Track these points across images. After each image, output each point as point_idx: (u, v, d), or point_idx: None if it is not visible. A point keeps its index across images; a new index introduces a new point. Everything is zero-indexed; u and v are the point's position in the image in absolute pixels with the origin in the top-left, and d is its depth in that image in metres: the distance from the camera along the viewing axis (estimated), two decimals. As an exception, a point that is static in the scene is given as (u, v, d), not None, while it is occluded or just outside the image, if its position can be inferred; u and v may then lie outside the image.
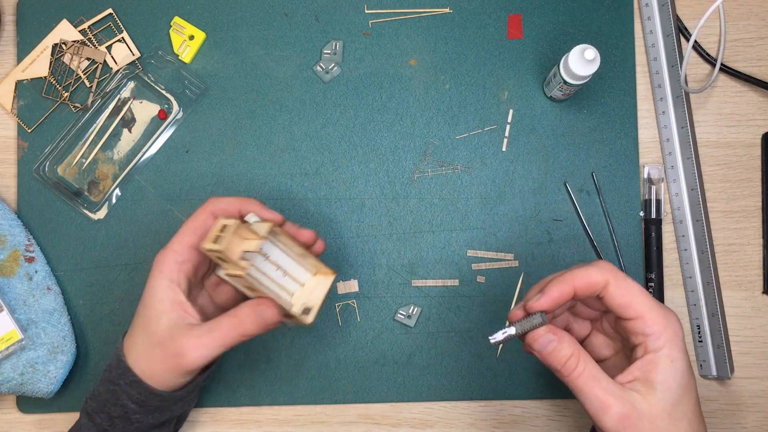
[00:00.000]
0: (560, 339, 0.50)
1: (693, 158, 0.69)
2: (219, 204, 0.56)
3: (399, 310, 0.69)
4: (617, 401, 0.48)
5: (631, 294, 0.49)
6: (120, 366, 0.55)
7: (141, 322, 0.55)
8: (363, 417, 0.69)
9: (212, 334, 0.53)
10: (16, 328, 0.64)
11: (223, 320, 0.54)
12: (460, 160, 0.70)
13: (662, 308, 0.50)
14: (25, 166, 0.70)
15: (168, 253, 0.55)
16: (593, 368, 0.49)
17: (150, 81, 0.70)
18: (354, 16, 0.71)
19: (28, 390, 0.65)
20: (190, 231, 0.55)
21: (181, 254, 0.55)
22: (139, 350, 0.55)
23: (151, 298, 0.54)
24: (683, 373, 0.49)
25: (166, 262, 0.55)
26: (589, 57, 0.62)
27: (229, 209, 0.56)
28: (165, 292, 0.54)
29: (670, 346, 0.49)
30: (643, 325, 0.49)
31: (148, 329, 0.54)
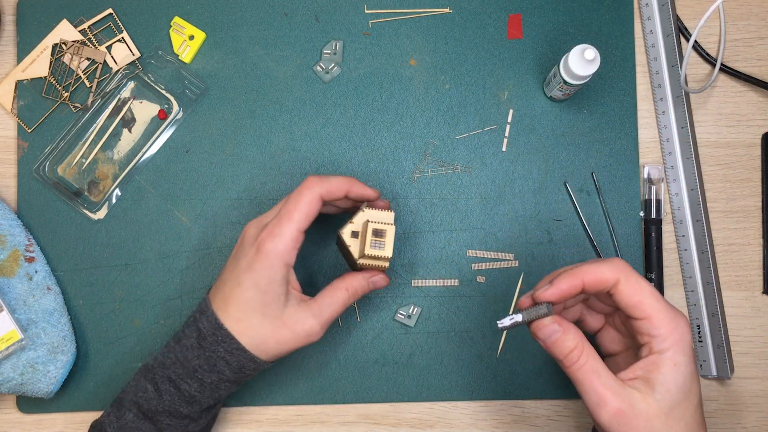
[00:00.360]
0: (565, 330, 0.50)
1: (693, 158, 0.69)
2: (326, 186, 0.56)
3: (399, 310, 0.69)
4: (615, 397, 0.49)
5: (640, 294, 0.49)
6: (220, 335, 0.56)
7: (257, 307, 0.56)
8: (363, 417, 0.69)
9: (331, 309, 0.58)
10: (16, 328, 0.64)
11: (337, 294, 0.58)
12: (460, 160, 0.70)
13: (672, 311, 0.50)
14: (25, 166, 0.70)
15: (285, 241, 0.55)
16: (595, 362, 0.50)
17: (150, 81, 0.70)
18: (354, 16, 0.71)
19: (28, 390, 0.65)
20: (304, 216, 0.55)
21: (297, 241, 0.56)
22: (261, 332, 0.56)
23: (271, 284, 0.55)
24: (685, 378, 0.49)
25: (284, 250, 0.55)
26: (589, 57, 0.62)
27: (337, 192, 0.57)
28: (284, 279, 0.56)
29: (675, 350, 0.49)
30: (650, 326, 0.49)
31: (268, 312, 0.56)
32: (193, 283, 0.69)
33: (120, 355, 0.69)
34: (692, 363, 0.50)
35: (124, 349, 0.69)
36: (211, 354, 0.57)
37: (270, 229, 0.55)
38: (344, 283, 0.59)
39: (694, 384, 0.50)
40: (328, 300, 0.58)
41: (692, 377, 0.50)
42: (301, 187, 0.57)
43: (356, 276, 0.59)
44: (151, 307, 0.69)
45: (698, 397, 0.50)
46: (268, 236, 0.55)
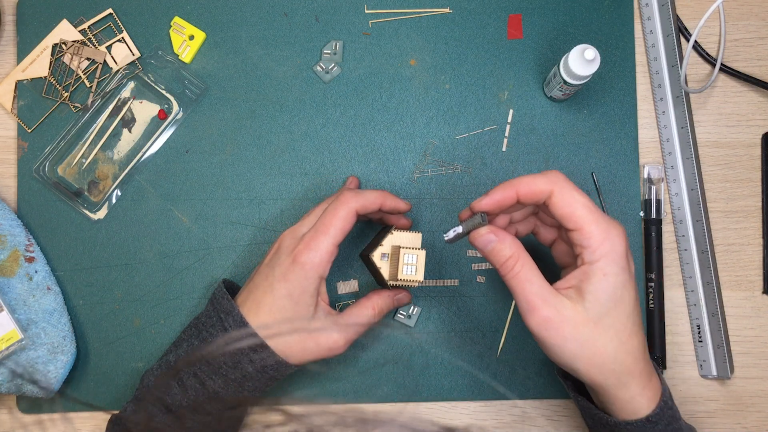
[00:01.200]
0: (501, 240, 0.53)
1: (693, 158, 0.69)
2: (361, 201, 0.58)
3: (399, 310, 0.69)
4: (544, 304, 0.51)
5: (572, 206, 0.51)
6: (250, 338, 0.57)
7: (287, 314, 0.57)
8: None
9: (357, 327, 0.59)
10: (16, 328, 0.64)
11: (364, 312, 0.60)
12: (460, 160, 0.70)
13: (604, 222, 0.51)
14: (25, 166, 0.70)
15: (321, 254, 0.56)
16: (529, 271, 0.52)
17: (150, 81, 0.70)
18: (354, 16, 0.71)
19: (28, 390, 0.65)
20: (340, 231, 0.57)
21: (332, 255, 0.57)
22: (287, 339, 0.58)
23: (303, 294, 0.57)
24: (615, 287, 0.50)
25: (320, 263, 0.56)
26: (589, 57, 0.62)
27: (371, 206, 0.58)
28: (316, 290, 0.57)
29: (605, 260, 0.50)
30: (582, 237, 0.51)
31: (297, 323, 0.58)
32: (193, 283, 0.69)
33: (120, 355, 0.69)
34: (624, 272, 0.51)
35: (124, 349, 0.69)
36: (237, 354, 0.57)
37: (307, 241, 0.57)
38: (371, 302, 0.61)
39: (626, 293, 0.51)
40: (354, 318, 0.59)
41: (624, 286, 0.51)
42: (337, 202, 0.58)
43: (382, 295, 0.61)
44: (151, 307, 0.69)
45: (631, 306, 0.51)
46: (305, 248, 0.56)
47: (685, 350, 0.70)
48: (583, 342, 0.51)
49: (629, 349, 0.52)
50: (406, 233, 0.60)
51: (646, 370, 0.53)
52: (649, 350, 0.69)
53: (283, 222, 0.70)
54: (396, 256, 0.59)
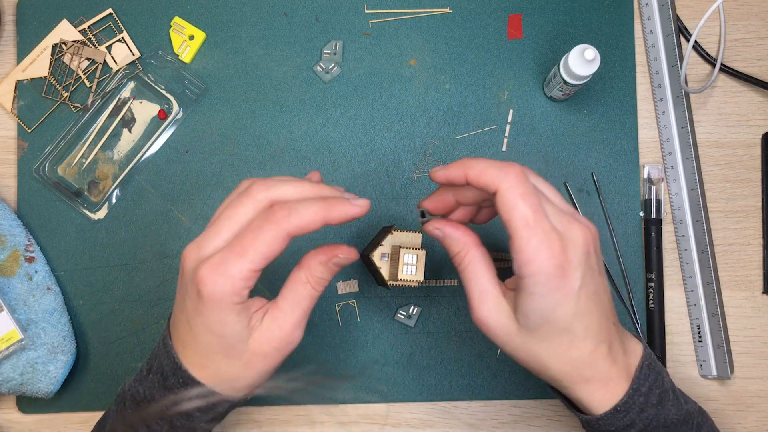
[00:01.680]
0: (447, 235, 0.51)
1: (693, 158, 0.69)
2: (296, 222, 0.45)
3: (399, 310, 0.69)
4: (481, 306, 0.49)
5: (510, 213, 0.45)
6: (181, 375, 0.49)
7: (218, 350, 0.48)
8: (363, 417, 0.69)
9: (298, 310, 0.49)
10: (16, 328, 0.64)
11: (299, 291, 0.49)
12: (460, 160, 0.70)
13: (539, 240, 0.45)
14: (25, 166, 0.70)
15: (232, 282, 0.45)
16: (475, 268, 0.50)
17: (150, 81, 0.70)
18: (354, 16, 0.71)
19: (28, 390, 0.65)
20: (261, 257, 0.45)
21: (248, 281, 0.45)
22: (232, 372, 0.49)
23: (225, 326, 0.46)
24: (542, 308, 0.46)
25: (232, 292, 0.45)
26: (589, 57, 0.62)
27: (311, 226, 0.45)
28: (239, 316, 0.47)
29: (531, 281, 0.46)
30: (512, 247, 0.46)
31: (234, 353, 0.48)
32: (193, 283, 0.69)
33: (120, 355, 0.69)
34: (555, 292, 0.46)
35: (124, 349, 0.69)
36: (176, 397, 0.49)
37: (214, 265, 0.45)
38: (303, 273, 0.49)
39: (559, 312, 0.46)
40: (290, 301, 0.49)
41: (556, 307, 0.46)
42: (265, 220, 0.45)
43: (312, 262, 0.49)
44: (151, 307, 0.69)
45: (565, 322, 0.47)
46: (210, 275, 0.44)
47: (685, 350, 0.70)
48: (516, 348, 0.49)
49: (567, 360, 0.49)
50: (406, 233, 0.60)
51: (599, 376, 0.49)
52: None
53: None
54: (396, 256, 0.59)
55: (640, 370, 0.51)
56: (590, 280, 0.47)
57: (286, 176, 0.51)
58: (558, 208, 0.48)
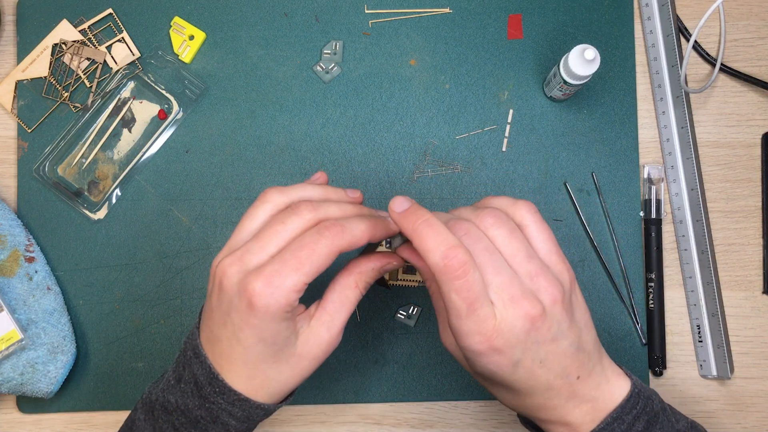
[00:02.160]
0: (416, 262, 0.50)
1: (693, 158, 0.69)
2: (348, 239, 0.46)
3: (399, 310, 0.69)
4: (445, 333, 0.50)
5: (444, 298, 0.45)
6: (229, 396, 0.49)
7: (269, 357, 0.48)
8: (363, 417, 0.69)
9: (342, 313, 0.49)
10: (16, 328, 0.64)
11: (346, 295, 0.50)
12: (460, 160, 0.70)
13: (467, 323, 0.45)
14: (25, 166, 0.70)
15: (287, 294, 0.45)
16: (437, 301, 0.50)
17: (150, 81, 0.70)
18: (354, 16, 0.71)
19: (28, 390, 0.65)
20: (315, 270, 0.46)
21: (301, 293, 0.46)
22: (279, 378, 0.49)
23: (278, 334, 0.47)
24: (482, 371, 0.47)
25: (287, 305, 0.46)
26: (589, 57, 0.62)
27: (359, 244, 0.47)
28: (290, 322, 0.47)
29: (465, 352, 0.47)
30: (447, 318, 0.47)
31: (282, 356, 0.48)
32: (193, 283, 0.69)
33: (120, 355, 0.69)
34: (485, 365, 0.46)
35: (124, 349, 0.69)
36: (211, 406, 0.49)
37: (267, 277, 0.45)
38: (353, 278, 0.50)
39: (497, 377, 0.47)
40: (337, 303, 0.49)
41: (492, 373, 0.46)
42: (317, 234, 0.46)
43: (363, 267, 0.50)
44: (151, 307, 0.69)
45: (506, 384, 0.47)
46: (266, 287, 0.45)
47: (685, 350, 0.70)
48: (479, 380, 0.50)
49: (520, 405, 0.49)
50: None
51: (560, 419, 0.49)
52: (649, 350, 0.69)
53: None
54: None
55: (626, 402, 0.49)
56: (533, 354, 0.46)
57: (309, 184, 0.51)
58: (496, 279, 0.45)
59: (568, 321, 0.47)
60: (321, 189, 0.51)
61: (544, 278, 0.46)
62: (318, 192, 0.50)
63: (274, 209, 0.49)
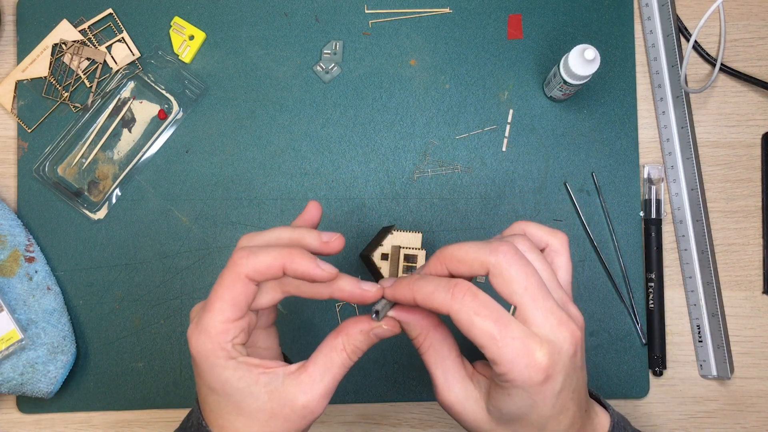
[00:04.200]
0: (403, 322, 0.47)
1: (693, 158, 0.69)
2: (255, 265, 0.44)
3: (399, 310, 0.69)
4: (447, 390, 0.47)
5: (470, 333, 0.43)
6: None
7: (230, 409, 0.46)
8: (363, 417, 0.69)
9: (327, 378, 0.47)
10: (16, 328, 0.64)
11: (332, 358, 0.47)
12: (460, 160, 0.70)
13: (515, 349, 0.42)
14: (25, 166, 0.70)
15: (210, 337, 0.44)
16: (435, 353, 0.48)
17: (150, 81, 0.70)
18: (354, 16, 0.71)
19: (28, 390, 0.65)
20: (229, 305, 0.44)
21: (226, 334, 0.45)
22: (242, 427, 0.47)
23: (225, 385, 0.45)
24: (519, 407, 0.44)
25: (214, 348, 0.45)
26: (589, 57, 0.62)
27: (271, 271, 0.44)
28: (237, 372, 0.45)
29: (510, 385, 0.43)
30: (486, 356, 0.44)
31: (246, 410, 0.46)
32: (193, 283, 0.69)
33: (120, 355, 0.69)
34: (535, 396, 0.43)
35: (124, 349, 0.69)
36: None
37: (193, 326, 0.45)
38: (340, 340, 0.47)
39: (535, 412, 0.44)
40: (321, 367, 0.47)
41: (532, 408, 0.44)
42: (226, 267, 0.45)
43: (352, 330, 0.47)
44: (151, 307, 0.69)
45: (541, 423, 0.45)
46: (192, 335, 0.45)
47: (685, 350, 0.70)
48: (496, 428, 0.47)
49: None
50: (406, 233, 0.60)
51: None
52: (649, 350, 0.69)
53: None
54: (396, 256, 0.59)
55: None
56: (571, 381, 0.45)
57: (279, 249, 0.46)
58: (544, 303, 0.43)
59: (577, 370, 0.46)
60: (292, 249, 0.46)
61: (572, 305, 0.46)
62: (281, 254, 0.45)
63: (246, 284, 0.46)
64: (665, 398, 0.70)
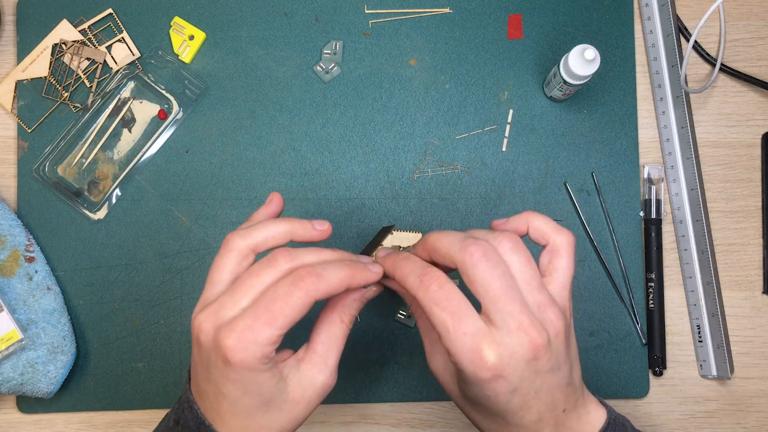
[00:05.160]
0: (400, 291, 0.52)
1: (693, 158, 0.69)
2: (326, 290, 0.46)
3: (399, 310, 0.69)
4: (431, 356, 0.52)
5: (430, 317, 0.45)
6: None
7: (258, 407, 0.47)
8: (363, 417, 0.69)
9: (334, 351, 0.49)
10: (16, 328, 0.64)
11: (333, 331, 0.50)
12: (460, 160, 0.70)
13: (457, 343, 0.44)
14: (25, 166, 0.70)
15: (261, 349, 0.44)
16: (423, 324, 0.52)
17: (150, 81, 0.70)
18: (354, 16, 0.71)
19: (28, 390, 0.65)
20: (290, 322, 0.45)
21: (276, 345, 0.45)
22: (273, 426, 0.48)
23: (261, 387, 0.46)
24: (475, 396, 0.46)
25: (262, 357, 0.45)
26: (589, 57, 0.62)
27: (336, 291, 0.46)
28: (270, 375, 0.46)
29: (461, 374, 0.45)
30: None
31: (273, 406, 0.47)
32: (193, 283, 0.69)
33: (120, 355, 0.69)
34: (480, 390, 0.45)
35: (124, 349, 0.69)
36: None
37: (241, 333, 0.44)
38: (336, 314, 0.50)
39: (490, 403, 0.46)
40: (326, 343, 0.49)
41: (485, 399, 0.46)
42: (290, 285, 0.44)
43: (345, 300, 0.50)
44: (151, 307, 0.69)
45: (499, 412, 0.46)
46: (239, 343, 0.44)
47: (685, 350, 0.70)
48: (462, 409, 0.50)
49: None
50: (406, 233, 0.60)
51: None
52: (649, 350, 0.69)
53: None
54: None
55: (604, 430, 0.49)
56: (531, 384, 0.45)
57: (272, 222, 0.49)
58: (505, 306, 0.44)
59: (565, 354, 0.46)
60: (286, 224, 0.48)
61: (552, 310, 0.45)
62: (282, 228, 0.48)
63: (240, 256, 0.47)
64: (665, 398, 0.70)
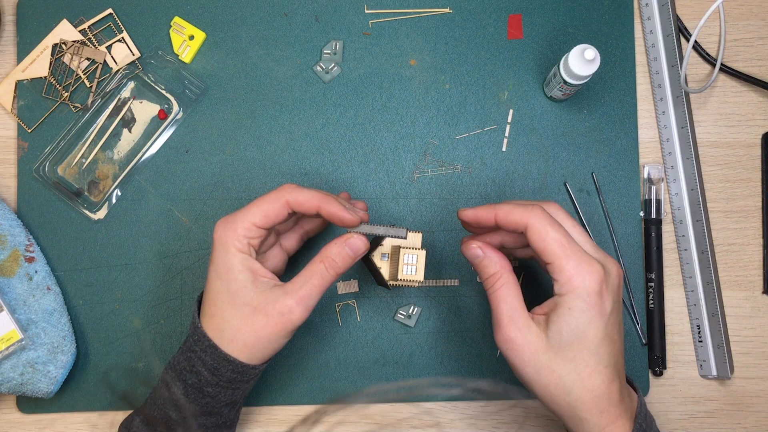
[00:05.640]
0: (487, 256, 0.55)
1: (693, 158, 0.69)
2: (297, 196, 0.55)
3: (399, 310, 0.69)
4: (510, 325, 0.53)
5: (545, 241, 0.52)
6: (197, 334, 0.57)
7: (225, 297, 0.55)
8: (363, 417, 0.69)
9: (310, 282, 0.55)
10: (16, 328, 0.64)
11: (311, 269, 0.56)
12: (460, 160, 0.70)
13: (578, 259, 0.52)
14: (25, 166, 0.70)
15: (235, 228, 0.55)
16: (507, 291, 0.54)
17: (150, 81, 0.70)
18: (354, 16, 0.71)
19: (28, 390, 0.65)
20: (262, 214, 0.55)
21: (249, 231, 0.55)
22: (233, 323, 0.55)
23: (230, 270, 0.55)
24: (578, 323, 0.51)
25: (235, 237, 0.55)
26: (589, 57, 0.62)
27: (307, 205, 0.55)
28: (243, 264, 0.55)
29: (572, 296, 0.51)
30: (553, 270, 0.52)
31: (237, 301, 0.55)
32: (193, 283, 0.69)
33: (120, 355, 0.69)
34: (591, 309, 0.51)
35: (124, 349, 0.69)
36: (190, 354, 0.57)
37: (225, 219, 0.56)
38: (319, 256, 0.56)
39: (591, 330, 0.51)
40: (302, 277, 0.56)
41: (589, 323, 0.51)
42: (274, 189, 0.56)
43: (330, 245, 0.57)
44: (151, 307, 0.69)
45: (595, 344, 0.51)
46: (221, 225, 0.56)
47: (685, 350, 0.70)
48: (540, 368, 0.52)
49: (589, 386, 0.52)
50: (408, 233, 0.60)
51: (611, 411, 0.52)
52: (649, 350, 0.69)
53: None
54: (396, 256, 0.59)
55: (638, 416, 0.53)
56: (617, 310, 0.53)
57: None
58: (589, 243, 0.55)
59: (620, 304, 0.54)
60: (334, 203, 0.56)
61: (609, 257, 0.55)
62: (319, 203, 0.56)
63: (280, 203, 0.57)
64: (665, 398, 0.70)
